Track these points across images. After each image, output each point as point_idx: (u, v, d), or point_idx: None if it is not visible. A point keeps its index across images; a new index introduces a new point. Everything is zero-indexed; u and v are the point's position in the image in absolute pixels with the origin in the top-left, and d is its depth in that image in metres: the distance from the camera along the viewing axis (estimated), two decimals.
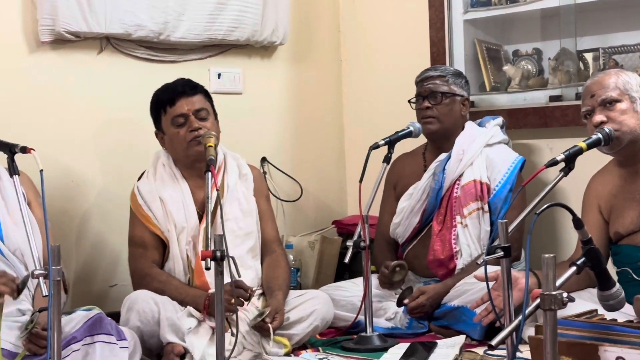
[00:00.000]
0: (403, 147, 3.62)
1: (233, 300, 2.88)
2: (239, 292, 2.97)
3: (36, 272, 2.38)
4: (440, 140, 3.62)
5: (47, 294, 2.33)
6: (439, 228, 3.54)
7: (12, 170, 2.60)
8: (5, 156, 2.64)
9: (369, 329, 3.23)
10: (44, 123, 3.51)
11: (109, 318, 2.80)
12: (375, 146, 3.33)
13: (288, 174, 4.28)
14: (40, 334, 2.60)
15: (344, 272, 4.07)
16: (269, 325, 3.01)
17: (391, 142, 3.36)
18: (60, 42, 3.53)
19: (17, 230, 2.83)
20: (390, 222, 3.66)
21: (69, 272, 3.42)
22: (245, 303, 3.04)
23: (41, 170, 2.42)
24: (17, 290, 2.56)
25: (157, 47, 3.84)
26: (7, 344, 2.63)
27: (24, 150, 2.61)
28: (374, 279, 3.44)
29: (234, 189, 3.33)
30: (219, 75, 4.06)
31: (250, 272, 3.25)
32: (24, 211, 2.53)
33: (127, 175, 3.52)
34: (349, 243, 3.23)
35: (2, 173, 2.92)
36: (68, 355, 2.63)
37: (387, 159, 3.35)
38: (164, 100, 3.27)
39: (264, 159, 4.21)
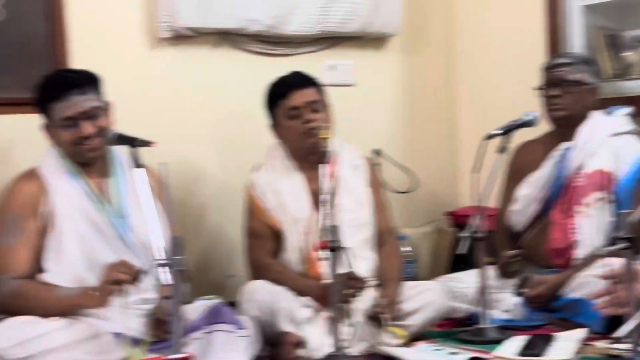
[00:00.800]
0: (521, 136, 3.55)
1: (347, 291, 2.91)
2: (352, 284, 2.99)
3: (159, 262, 2.45)
4: (566, 128, 3.53)
5: (169, 283, 2.41)
6: (559, 217, 3.46)
7: (137, 163, 2.69)
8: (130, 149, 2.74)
9: (485, 321, 3.19)
10: (163, 117, 3.61)
11: (229, 307, 2.86)
12: (491, 136, 3.28)
13: (400, 165, 4.26)
14: (163, 321, 2.68)
15: (458, 263, 4.03)
16: (384, 316, 3.01)
17: (507, 132, 3.31)
18: (179, 38, 3.63)
19: (144, 222, 2.91)
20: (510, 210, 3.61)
21: (189, 263, 3.50)
22: (359, 294, 3.05)
23: (164, 164, 2.49)
24: (137, 279, 2.65)
25: (271, 41, 3.89)
26: (132, 331, 2.72)
27: (146, 143, 2.69)
28: (491, 270, 3.40)
29: (348, 180, 3.35)
30: (332, 67, 4.08)
31: (365, 263, 3.26)
32: (149, 203, 2.61)
33: (243, 167, 3.57)
34: (465, 234, 3.20)
35: (131, 166, 3.01)
36: (189, 343, 2.71)
37: (502, 149, 3.29)
38: (278, 94, 3.32)
39: (376, 150, 4.20)
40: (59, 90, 2.86)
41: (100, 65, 3.10)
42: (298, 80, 3.31)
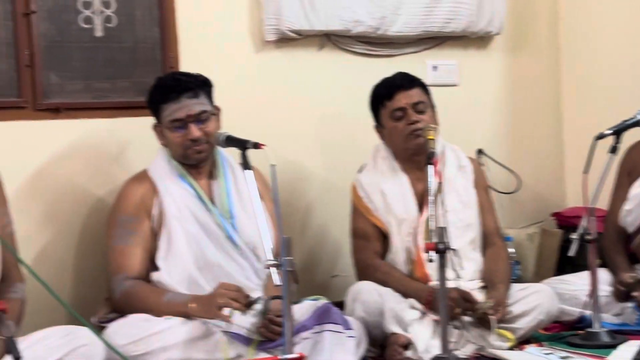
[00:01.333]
0: (634, 135, 3.46)
1: (457, 311, 2.90)
2: (465, 305, 2.97)
3: (269, 263, 2.49)
4: None
5: (279, 283, 2.44)
6: None
7: (246, 165, 2.73)
8: (239, 152, 2.78)
9: (596, 325, 3.13)
10: (268, 119, 3.66)
11: (336, 308, 2.88)
12: (601, 136, 3.21)
13: (505, 166, 4.22)
14: (274, 320, 2.73)
15: (565, 265, 3.96)
16: (492, 318, 2.99)
17: (619, 132, 3.23)
18: (284, 40, 3.67)
19: (250, 223, 2.96)
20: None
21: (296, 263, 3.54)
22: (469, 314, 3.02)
23: (273, 165, 2.53)
24: (247, 306, 2.70)
25: (374, 42, 3.90)
26: (242, 330, 2.77)
27: (256, 146, 2.73)
28: (601, 273, 3.33)
29: (453, 180, 3.33)
30: (435, 67, 4.07)
31: (471, 264, 3.24)
32: (257, 204, 2.65)
33: (347, 168, 3.60)
34: (574, 236, 3.14)
35: (236, 168, 3.07)
36: (299, 342, 2.74)
37: (613, 149, 3.22)
38: (383, 95, 3.32)
39: (480, 151, 4.17)
40: (171, 92, 2.94)
41: (208, 68, 3.17)
42: (403, 81, 3.31)
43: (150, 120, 3.07)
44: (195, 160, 3.00)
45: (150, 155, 3.10)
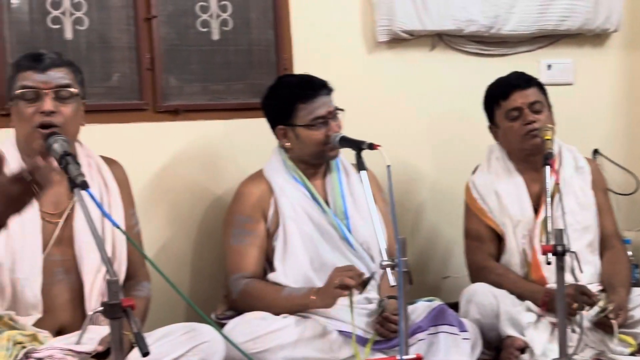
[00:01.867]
0: None
1: (575, 305, 2.84)
2: (583, 299, 2.90)
3: (384, 263, 2.49)
4: None
5: (395, 284, 2.44)
6: None
7: (361, 165, 2.74)
8: (353, 152, 2.80)
9: None
10: (380, 119, 3.66)
11: (451, 309, 2.87)
12: None
13: (622, 166, 4.10)
14: (390, 318, 2.73)
15: None
16: (613, 322, 2.91)
17: None
18: (396, 41, 3.66)
19: (364, 224, 2.97)
20: None
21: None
22: (587, 308, 2.95)
23: (388, 166, 2.53)
24: (363, 285, 2.70)
25: (487, 42, 3.86)
26: (358, 330, 2.78)
27: (371, 146, 2.74)
28: None
29: (570, 182, 3.26)
30: (549, 66, 3.99)
31: (589, 268, 3.16)
32: (372, 205, 2.66)
33: (459, 168, 3.57)
34: None
35: (350, 169, 3.09)
36: (414, 343, 2.74)
37: None
38: (498, 94, 3.28)
39: (596, 151, 4.07)
40: (308, 89, 2.96)
41: (321, 69, 3.17)
42: (519, 81, 3.26)
43: (264, 122, 3.11)
44: (330, 158, 3.01)
45: (263, 156, 3.15)
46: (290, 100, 2.98)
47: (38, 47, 3.04)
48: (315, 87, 2.96)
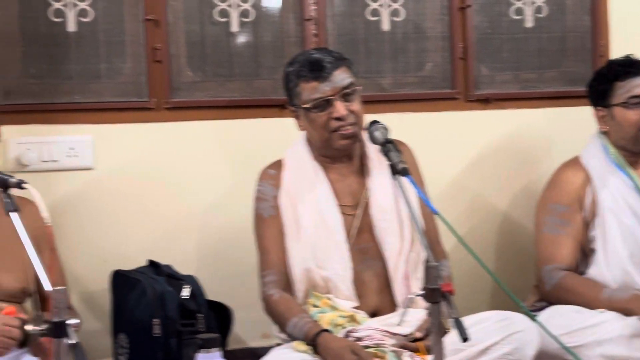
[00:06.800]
0: None
1: None
2: None
3: None
4: None
5: None
6: None
7: None
8: None
9: None
10: None
11: None
12: None
13: None
14: None
15: None
16: None
17: None
18: None
19: None
20: None
21: None
22: None
23: None
24: None
25: None
26: None
27: None
28: None
29: None
30: None
31: None
32: None
33: None
34: None
35: None
36: None
37: None
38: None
39: None
40: (632, 67, 2.86)
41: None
42: None
43: (580, 110, 3.02)
44: None
45: (576, 146, 3.03)
46: (609, 79, 2.88)
47: (357, 39, 3.20)
48: (636, 65, 2.84)
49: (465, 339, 1.90)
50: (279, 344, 2.59)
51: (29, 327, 1.95)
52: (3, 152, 2.95)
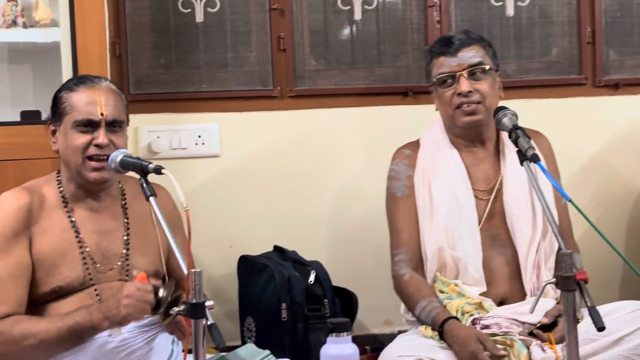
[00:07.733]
0: None
1: None
2: None
3: None
4: None
5: None
6: None
7: None
8: None
9: None
10: None
11: None
12: None
13: None
14: None
15: None
16: None
17: None
18: None
19: None
20: None
21: None
22: None
23: None
24: None
25: None
26: None
27: None
28: None
29: None
30: None
31: None
32: None
33: None
34: None
35: None
36: None
37: None
38: None
39: None
40: None
41: None
42: None
43: None
44: None
45: None
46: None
47: (480, 24, 3.16)
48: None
49: (601, 328, 1.86)
50: (401, 331, 2.59)
51: (162, 294, 2.02)
52: (135, 140, 3.05)
